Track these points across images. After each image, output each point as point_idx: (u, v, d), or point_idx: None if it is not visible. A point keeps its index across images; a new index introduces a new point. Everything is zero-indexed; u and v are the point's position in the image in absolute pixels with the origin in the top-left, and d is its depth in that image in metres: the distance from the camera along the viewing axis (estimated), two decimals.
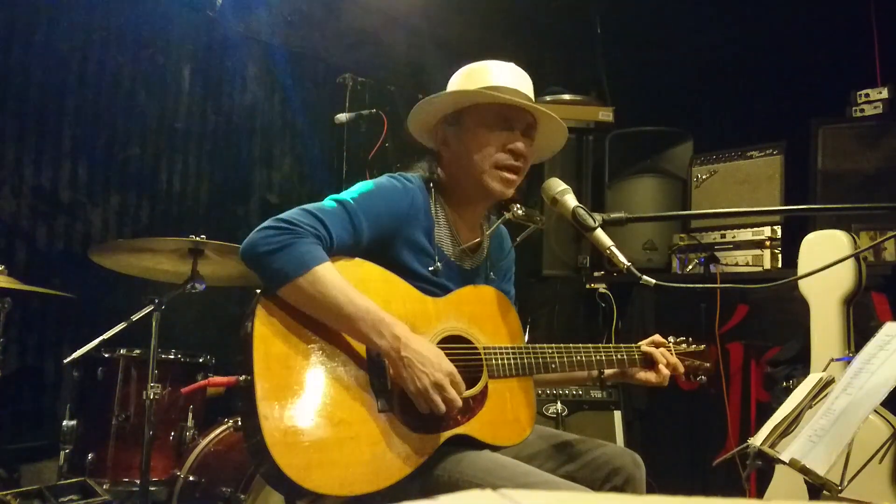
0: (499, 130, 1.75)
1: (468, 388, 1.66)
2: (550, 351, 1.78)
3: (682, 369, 1.93)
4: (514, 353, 1.73)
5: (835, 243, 2.59)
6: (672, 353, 1.92)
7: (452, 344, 1.68)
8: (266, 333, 1.49)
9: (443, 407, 1.53)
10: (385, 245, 1.68)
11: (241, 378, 1.46)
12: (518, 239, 2.01)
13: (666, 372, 1.88)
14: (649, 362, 1.89)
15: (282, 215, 1.56)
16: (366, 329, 1.52)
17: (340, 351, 1.54)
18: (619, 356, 1.87)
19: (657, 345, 1.93)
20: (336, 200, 1.64)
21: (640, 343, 1.93)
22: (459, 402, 1.55)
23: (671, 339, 2.02)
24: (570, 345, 1.81)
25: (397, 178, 1.77)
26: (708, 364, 2.02)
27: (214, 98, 4.06)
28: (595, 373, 1.91)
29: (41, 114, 3.42)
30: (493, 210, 1.94)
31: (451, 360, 1.65)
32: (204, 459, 2.47)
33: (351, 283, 1.55)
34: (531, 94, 1.82)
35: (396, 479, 1.49)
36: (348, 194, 1.67)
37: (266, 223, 1.55)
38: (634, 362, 1.89)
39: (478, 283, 1.84)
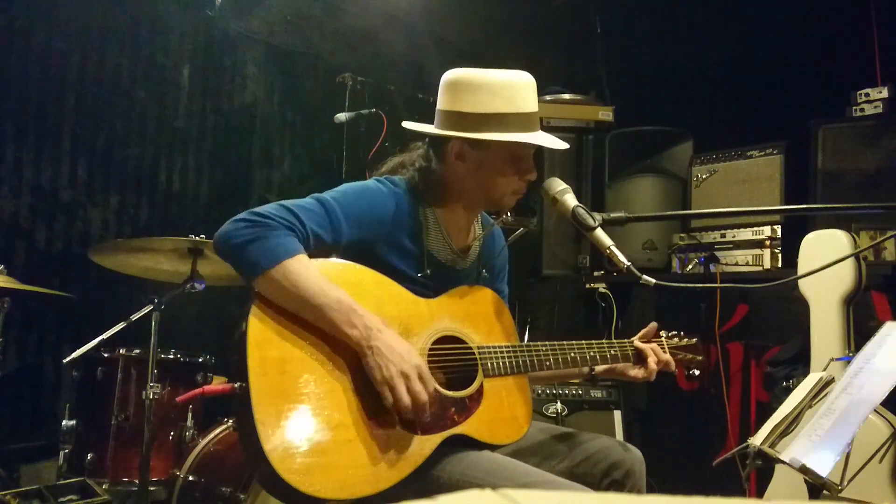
0: (520, 162, 1.76)
1: (464, 388, 1.66)
2: (545, 348, 1.78)
3: (673, 367, 1.92)
4: (508, 352, 1.73)
5: (835, 243, 2.59)
6: (665, 350, 1.92)
7: (447, 344, 1.67)
8: (260, 338, 1.48)
9: (407, 399, 1.50)
10: (368, 247, 1.67)
11: (236, 385, 1.45)
12: (509, 240, 2.01)
13: (654, 367, 1.87)
14: (640, 358, 1.90)
15: (257, 208, 1.56)
16: (338, 320, 1.50)
17: (336, 354, 1.53)
18: (612, 352, 1.88)
19: (649, 338, 1.93)
20: (315, 198, 1.64)
21: (632, 338, 1.93)
22: (425, 396, 1.52)
23: (663, 333, 2.02)
24: (564, 342, 1.82)
25: (383, 181, 1.76)
26: (700, 357, 2.03)
27: (214, 97, 4.06)
28: (585, 369, 1.91)
29: (40, 113, 3.42)
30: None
31: (446, 361, 1.66)
32: (203, 459, 2.46)
33: (343, 287, 1.54)
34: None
35: (396, 481, 1.49)
36: (329, 193, 1.67)
37: (240, 215, 1.55)
38: (627, 357, 1.89)
39: (470, 284, 1.84)
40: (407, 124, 1.84)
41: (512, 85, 1.73)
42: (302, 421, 1.43)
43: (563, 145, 1.80)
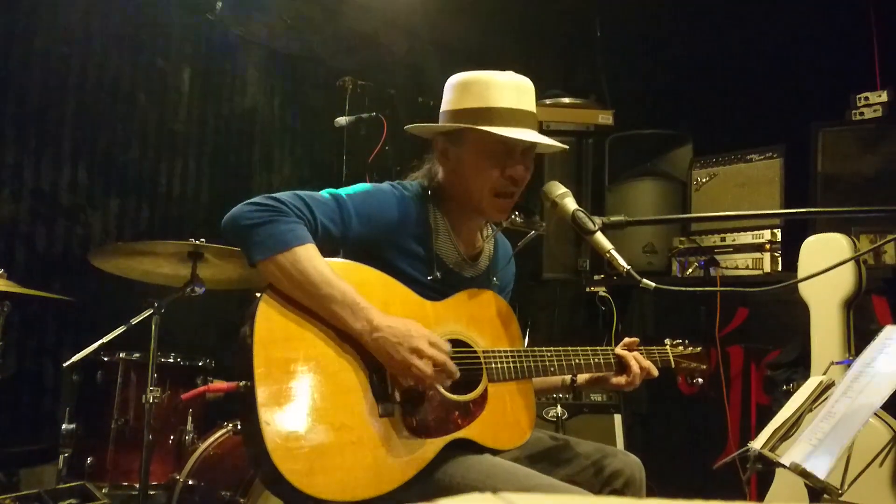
0: (498, 157, 1.72)
1: (468, 391, 1.66)
2: (549, 354, 1.78)
3: (655, 373, 1.89)
4: (513, 357, 1.74)
5: (835, 246, 2.59)
6: (644, 357, 1.90)
7: (452, 348, 1.67)
8: (266, 338, 1.48)
9: (428, 370, 1.52)
10: (374, 249, 1.69)
11: (241, 384, 1.46)
12: (519, 245, 2.01)
13: (637, 372, 1.85)
14: (622, 366, 1.87)
15: (273, 194, 1.58)
16: (340, 311, 1.52)
17: (341, 355, 1.54)
18: (596, 360, 1.85)
19: (630, 348, 1.91)
20: (330, 193, 1.68)
21: (613, 347, 1.91)
22: (443, 357, 1.54)
23: (668, 341, 2.01)
24: (569, 348, 1.82)
25: (396, 185, 1.79)
26: (704, 366, 2.01)
27: (214, 101, 4.06)
28: (568, 379, 1.90)
29: (41, 117, 3.42)
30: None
31: None
32: (203, 463, 2.46)
33: (350, 285, 1.55)
34: (532, 106, 1.76)
35: (398, 484, 1.49)
36: (344, 190, 1.70)
37: (255, 199, 1.57)
38: (610, 365, 1.87)
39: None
40: (409, 127, 1.86)
41: (486, 82, 1.73)
42: (306, 422, 1.44)
43: (545, 141, 1.73)
